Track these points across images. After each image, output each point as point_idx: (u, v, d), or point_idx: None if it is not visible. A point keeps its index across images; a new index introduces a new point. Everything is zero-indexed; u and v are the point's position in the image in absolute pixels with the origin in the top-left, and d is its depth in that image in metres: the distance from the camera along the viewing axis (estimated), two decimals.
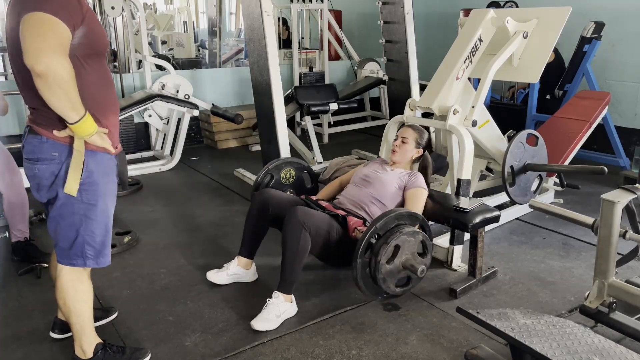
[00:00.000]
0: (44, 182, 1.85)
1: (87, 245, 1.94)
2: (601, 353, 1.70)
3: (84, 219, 1.89)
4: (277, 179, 3.14)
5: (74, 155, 1.81)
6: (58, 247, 1.97)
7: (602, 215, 2.05)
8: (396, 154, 2.98)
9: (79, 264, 1.96)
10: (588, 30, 4.58)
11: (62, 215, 1.89)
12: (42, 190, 1.89)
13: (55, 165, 1.82)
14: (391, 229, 2.45)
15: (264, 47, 3.74)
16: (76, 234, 1.91)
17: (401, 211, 2.52)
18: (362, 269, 2.42)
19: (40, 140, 1.81)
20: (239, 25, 11.15)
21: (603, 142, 4.70)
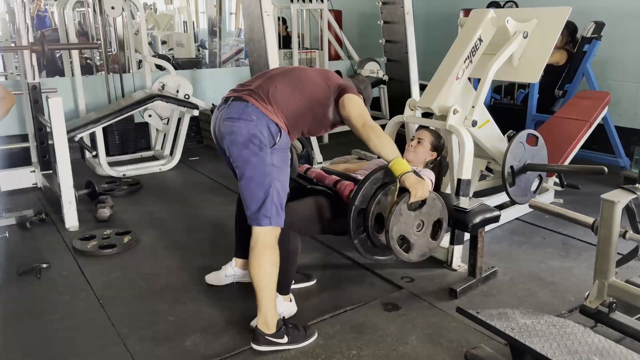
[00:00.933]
0: (239, 138, 2.14)
1: (274, 205, 2.16)
2: (601, 353, 1.70)
3: (274, 180, 2.16)
4: None
5: None
6: (248, 208, 2.19)
7: (602, 215, 2.05)
8: (410, 153, 2.98)
9: (266, 223, 2.17)
10: (588, 30, 4.58)
11: (255, 176, 2.15)
12: (237, 145, 2.15)
13: (252, 125, 2.13)
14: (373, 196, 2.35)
15: (264, 47, 3.74)
16: (266, 195, 2.15)
17: (376, 175, 2.40)
18: (363, 245, 2.41)
19: (247, 105, 2.17)
20: (239, 25, 11.15)
21: (603, 142, 4.69)
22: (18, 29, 4.16)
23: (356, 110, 2.34)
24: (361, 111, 2.36)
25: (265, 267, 2.18)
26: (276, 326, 2.21)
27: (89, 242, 3.27)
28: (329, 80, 2.40)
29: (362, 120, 2.32)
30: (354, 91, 2.41)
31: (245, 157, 2.15)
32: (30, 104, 4.14)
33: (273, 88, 2.25)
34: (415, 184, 2.24)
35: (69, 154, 3.50)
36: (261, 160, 2.15)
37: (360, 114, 2.34)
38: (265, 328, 2.20)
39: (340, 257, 3.14)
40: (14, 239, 3.41)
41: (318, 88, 2.36)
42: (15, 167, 4.34)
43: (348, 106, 2.35)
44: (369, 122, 2.32)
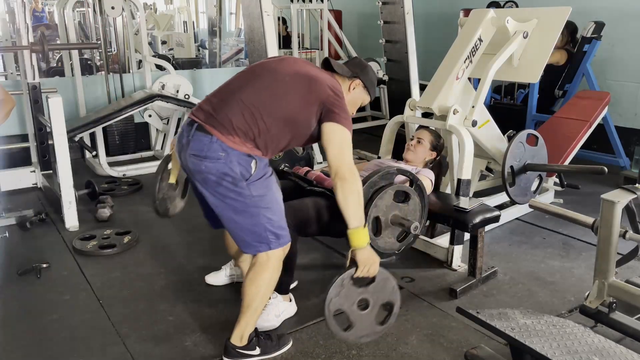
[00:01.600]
0: (211, 177, 1.97)
1: (268, 232, 2.03)
2: (601, 353, 1.70)
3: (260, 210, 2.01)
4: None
5: None
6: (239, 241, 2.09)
7: (602, 215, 2.05)
8: (410, 153, 2.99)
9: (263, 249, 2.06)
10: (588, 30, 4.58)
11: (238, 211, 2.01)
12: (208, 184, 1.99)
13: (221, 164, 1.95)
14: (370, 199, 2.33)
15: (264, 47, 3.74)
16: (256, 226, 2.02)
17: (373, 178, 2.37)
18: None
19: (211, 140, 1.94)
20: (239, 25, 11.14)
21: (603, 142, 4.69)
22: (18, 29, 4.16)
23: (334, 151, 2.00)
24: (340, 153, 2.00)
25: (260, 288, 2.09)
26: (247, 338, 2.15)
27: (89, 242, 3.28)
28: (311, 94, 2.03)
29: (337, 165, 1.99)
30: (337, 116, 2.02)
31: (222, 195, 1.99)
32: (30, 104, 4.14)
33: (237, 112, 1.97)
34: (366, 260, 1.99)
35: (69, 154, 3.50)
36: (239, 195, 1.98)
37: (337, 157, 2.00)
38: (237, 341, 2.14)
39: (340, 257, 3.14)
40: (14, 239, 3.41)
41: (295, 106, 2.03)
42: (15, 167, 4.34)
43: (326, 141, 2.02)
44: (345, 170, 1.98)
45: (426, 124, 3.22)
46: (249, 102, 1.98)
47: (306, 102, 2.02)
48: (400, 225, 2.39)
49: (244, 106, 1.98)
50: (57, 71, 6.63)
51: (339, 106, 2.04)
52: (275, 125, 2.00)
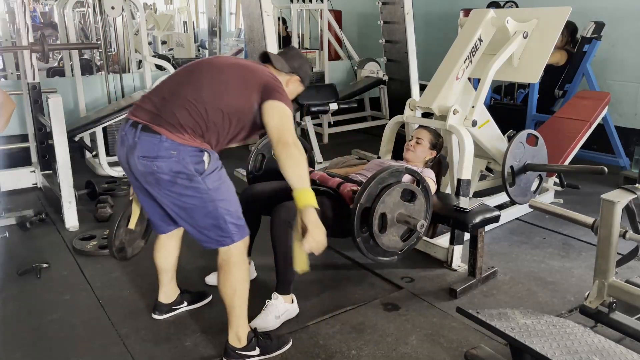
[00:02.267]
0: (164, 177, 1.95)
1: (230, 224, 2.04)
2: (601, 353, 1.70)
3: (217, 203, 2.01)
4: (269, 157, 2.97)
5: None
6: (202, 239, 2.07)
7: (602, 215, 2.05)
8: (410, 153, 2.99)
9: (228, 243, 2.05)
10: (588, 30, 4.58)
11: (195, 208, 2.00)
12: (162, 184, 1.97)
13: (174, 162, 1.93)
14: (378, 195, 2.35)
15: (264, 47, 3.74)
16: (217, 219, 2.02)
17: (382, 175, 2.38)
18: (365, 244, 2.40)
19: (160, 140, 1.93)
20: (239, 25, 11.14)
21: (603, 142, 4.69)
22: (18, 29, 4.16)
23: (274, 122, 2.02)
24: (280, 123, 2.02)
25: (235, 286, 2.09)
26: (247, 339, 2.16)
27: (89, 242, 3.27)
28: (249, 82, 2.07)
29: (278, 134, 2.00)
30: (278, 94, 2.06)
31: (177, 194, 1.98)
32: (30, 104, 4.14)
33: (183, 112, 1.96)
34: (315, 220, 1.94)
35: (69, 154, 3.50)
36: (196, 191, 1.97)
37: (278, 127, 2.02)
38: (236, 342, 2.14)
39: (340, 257, 3.14)
40: (14, 239, 3.41)
41: (237, 95, 2.05)
42: (15, 167, 4.34)
43: (267, 116, 2.04)
44: (286, 137, 1.99)
45: (426, 124, 3.22)
46: (192, 97, 1.98)
47: (247, 89, 2.05)
48: (406, 222, 2.40)
49: (187, 102, 1.97)
50: (57, 71, 6.63)
51: (279, 90, 2.08)
52: (221, 117, 2.01)
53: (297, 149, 1.97)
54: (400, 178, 2.44)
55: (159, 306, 2.50)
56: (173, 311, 2.53)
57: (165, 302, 2.51)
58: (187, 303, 2.57)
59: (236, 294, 2.10)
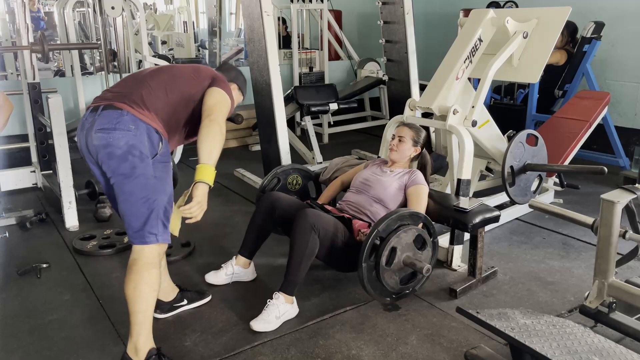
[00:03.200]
0: (117, 150, 1.95)
1: (159, 220, 2.01)
2: (601, 353, 1.70)
3: (157, 194, 2.01)
4: (283, 184, 3.10)
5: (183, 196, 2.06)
6: (130, 227, 2.01)
7: (602, 215, 2.05)
8: (394, 153, 2.97)
9: (152, 241, 2.00)
10: (588, 30, 4.58)
11: (136, 191, 1.98)
12: (112, 158, 1.96)
13: (131, 135, 1.95)
14: (394, 230, 2.43)
15: (264, 47, 3.74)
16: (150, 210, 1.99)
17: (403, 212, 2.50)
18: (368, 273, 2.41)
19: (121, 113, 1.97)
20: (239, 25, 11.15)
21: (603, 142, 4.69)
22: (18, 29, 4.16)
23: (212, 101, 2.14)
24: (216, 104, 2.14)
25: (142, 289, 1.99)
26: (146, 355, 2.03)
27: (89, 242, 3.28)
28: (200, 74, 2.24)
29: (210, 111, 2.10)
30: (224, 85, 2.24)
31: (125, 170, 1.95)
32: (30, 104, 4.14)
33: (146, 91, 2.07)
34: (203, 196, 2.01)
35: (69, 154, 3.50)
36: (143, 172, 1.97)
37: (212, 106, 2.13)
38: (134, 355, 2.02)
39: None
40: (14, 239, 3.41)
41: (190, 83, 2.19)
42: (15, 167, 4.34)
43: (207, 95, 2.17)
44: (217, 116, 2.09)
45: (426, 124, 3.22)
46: (153, 82, 2.12)
47: (199, 79, 2.21)
48: (412, 265, 2.47)
49: (148, 85, 2.10)
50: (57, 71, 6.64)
51: (226, 83, 2.26)
52: (179, 104, 2.13)
53: (220, 130, 2.05)
54: (417, 223, 2.54)
55: (160, 305, 2.46)
56: (175, 309, 2.52)
57: (166, 301, 2.50)
58: (187, 301, 2.56)
59: (141, 297, 1.99)
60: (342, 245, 2.54)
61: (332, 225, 2.52)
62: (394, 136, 3.03)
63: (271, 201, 2.75)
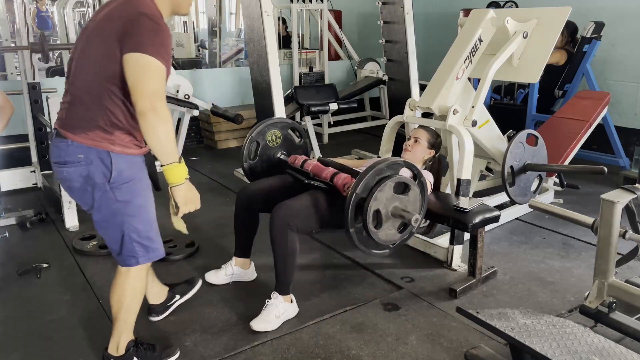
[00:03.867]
0: (75, 184, 1.89)
1: (135, 243, 1.96)
2: (601, 353, 1.70)
3: (125, 218, 1.92)
4: (263, 144, 2.96)
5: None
6: (112, 250, 2.02)
7: (602, 215, 2.05)
8: (408, 153, 2.98)
9: (132, 263, 1.99)
10: (588, 30, 4.58)
11: (105, 218, 1.93)
12: (74, 192, 1.93)
13: (82, 168, 1.85)
14: (374, 186, 2.30)
15: (264, 47, 3.74)
16: (122, 234, 1.94)
17: (379, 166, 2.32)
18: (358, 235, 2.34)
19: (67, 144, 1.85)
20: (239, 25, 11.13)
21: (603, 142, 4.70)
22: (18, 29, 4.16)
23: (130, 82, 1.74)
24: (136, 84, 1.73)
25: (125, 302, 2.03)
26: (125, 348, 2.08)
27: (89, 242, 3.27)
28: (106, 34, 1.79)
29: (134, 98, 1.74)
30: (139, 38, 1.73)
31: (87, 202, 1.91)
32: (30, 104, 4.14)
33: (77, 105, 1.85)
34: (185, 197, 1.91)
35: None
36: (104, 200, 1.88)
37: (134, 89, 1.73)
38: (114, 351, 2.08)
39: (340, 257, 3.14)
40: (14, 239, 3.41)
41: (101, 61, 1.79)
42: (15, 167, 4.34)
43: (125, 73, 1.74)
44: (143, 103, 1.73)
45: (426, 124, 3.22)
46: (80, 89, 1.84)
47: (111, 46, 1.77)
48: (400, 217, 2.37)
49: (77, 96, 1.85)
50: (57, 70, 6.63)
51: (142, 31, 1.74)
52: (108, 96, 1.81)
53: (157, 118, 1.74)
54: (397, 171, 2.39)
55: (153, 308, 2.46)
56: (169, 308, 2.50)
57: (158, 303, 2.47)
58: (179, 296, 2.54)
59: (123, 308, 2.04)
60: (328, 211, 2.46)
61: (310, 204, 2.44)
62: (410, 137, 3.05)
63: (246, 196, 2.71)
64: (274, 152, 2.99)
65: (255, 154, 2.96)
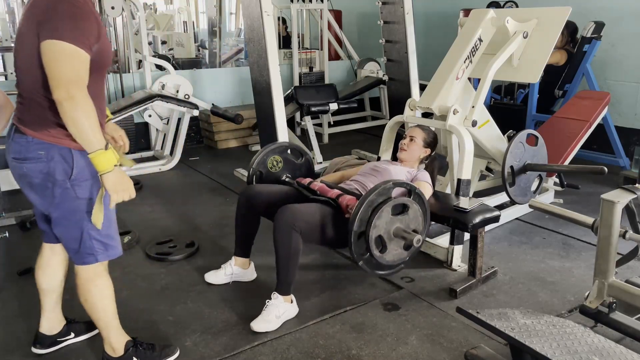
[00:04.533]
0: (35, 180, 1.85)
1: (94, 241, 1.94)
2: (601, 353, 1.70)
3: (85, 215, 1.89)
4: (266, 172, 3.00)
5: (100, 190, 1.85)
6: (69, 249, 1.99)
7: (602, 215, 2.05)
8: (404, 152, 2.98)
9: (91, 261, 1.96)
10: (588, 30, 4.58)
11: (65, 215, 1.90)
12: (34, 188, 1.88)
13: (43, 164, 1.82)
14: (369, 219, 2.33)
15: (264, 47, 3.74)
16: (81, 231, 1.91)
17: (369, 197, 2.34)
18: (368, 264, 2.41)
19: (27, 140, 1.82)
20: (239, 25, 11.14)
21: (603, 142, 4.70)
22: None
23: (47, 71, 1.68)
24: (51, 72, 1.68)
25: (93, 301, 2.01)
26: (124, 348, 2.09)
27: None
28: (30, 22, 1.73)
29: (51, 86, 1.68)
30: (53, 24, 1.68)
31: (47, 198, 1.87)
32: None
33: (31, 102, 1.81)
34: (116, 184, 1.81)
35: None
36: (64, 197, 1.85)
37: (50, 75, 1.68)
38: (111, 352, 2.09)
39: (340, 257, 3.14)
40: (14, 239, 3.41)
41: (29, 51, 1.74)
42: None
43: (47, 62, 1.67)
44: (59, 92, 1.67)
45: (426, 124, 3.22)
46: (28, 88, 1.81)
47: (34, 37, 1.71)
48: (402, 238, 2.42)
49: (29, 96, 1.82)
50: None
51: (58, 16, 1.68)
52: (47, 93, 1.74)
53: (74, 106, 1.67)
54: (389, 194, 2.40)
55: (41, 338, 2.25)
56: (57, 344, 2.28)
57: (48, 334, 2.25)
58: (74, 334, 2.33)
59: (94, 308, 2.03)
60: (332, 227, 2.49)
61: (316, 214, 2.46)
62: (405, 136, 3.05)
63: (248, 196, 2.72)
64: (278, 177, 3.02)
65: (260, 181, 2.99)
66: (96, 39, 1.75)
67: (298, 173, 3.06)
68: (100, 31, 1.77)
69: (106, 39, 1.86)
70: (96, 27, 1.75)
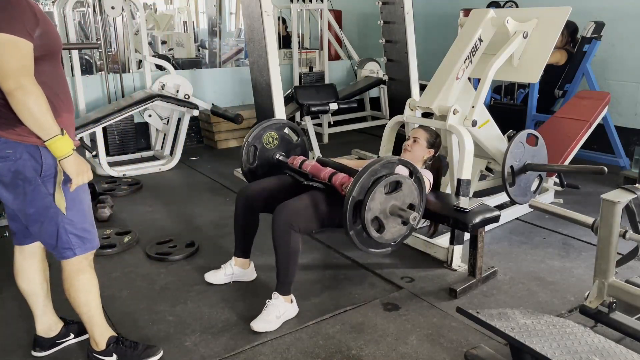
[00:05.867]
0: (5, 178, 1.85)
1: (70, 235, 1.95)
2: (601, 353, 1.70)
3: (58, 210, 1.89)
4: (261, 148, 2.97)
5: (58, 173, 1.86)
6: (47, 245, 2.01)
7: (602, 215, 2.05)
8: (407, 153, 2.98)
9: (69, 255, 1.98)
10: (588, 30, 4.58)
11: (39, 211, 1.90)
12: (7, 187, 1.87)
13: (11, 163, 1.82)
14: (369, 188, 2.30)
15: (264, 47, 3.74)
16: (56, 226, 1.92)
17: (374, 167, 2.32)
18: (359, 237, 2.37)
19: None
20: (239, 25, 11.14)
21: (603, 142, 4.69)
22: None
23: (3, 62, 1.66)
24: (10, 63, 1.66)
25: (76, 296, 2.04)
26: (105, 343, 2.13)
27: None
28: None
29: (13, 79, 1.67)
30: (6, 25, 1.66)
31: (20, 196, 1.87)
32: None
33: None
34: (74, 168, 1.82)
35: None
36: (36, 194, 1.85)
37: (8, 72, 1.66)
38: (95, 346, 2.14)
39: (340, 257, 3.14)
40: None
41: None
42: None
43: None
44: (8, 84, 1.67)
45: (426, 124, 3.22)
46: None
47: None
48: (399, 216, 2.38)
49: None
50: None
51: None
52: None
53: (24, 94, 1.68)
54: (393, 169, 2.38)
55: (39, 341, 2.26)
56: (57, 346, 2.29)
57: (46, 337, 2.26)
58: (73, 335, 2.34)
59: (78, 302, 2.06)
60: (329, 211, 2.47)
61: (308, 205, 2.45)
62: (409, 137, 3.05)
63: (246, 196, 2.71)
64: (273, 154, 3.00)
65: (254, 158, 2.97)
66: (35, 24, 1.73)
67: (292, 153, 3.05)
68: (38, 16, 1.75)
69: (49, 22, 1.83)
70: (30, 12, 1.73)
